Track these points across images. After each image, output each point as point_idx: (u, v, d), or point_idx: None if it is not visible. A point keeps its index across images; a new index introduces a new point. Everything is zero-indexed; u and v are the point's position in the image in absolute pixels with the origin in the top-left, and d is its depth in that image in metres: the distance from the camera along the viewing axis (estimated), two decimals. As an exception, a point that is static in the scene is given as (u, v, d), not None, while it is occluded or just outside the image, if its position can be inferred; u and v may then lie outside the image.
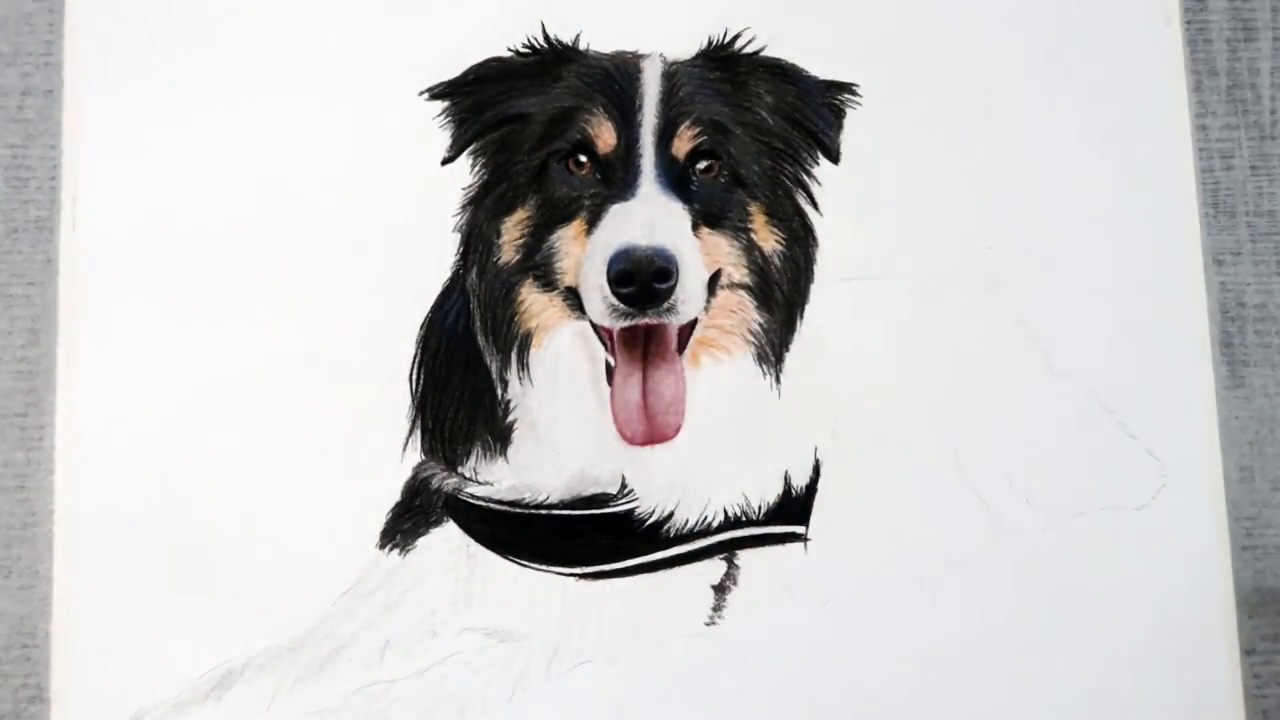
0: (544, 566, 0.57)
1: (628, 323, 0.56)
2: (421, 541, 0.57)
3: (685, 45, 0.60)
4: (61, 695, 0.55)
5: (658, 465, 0.57)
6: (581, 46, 0.60)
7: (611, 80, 0.59)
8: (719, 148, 0.58)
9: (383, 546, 0.57)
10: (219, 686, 0.55)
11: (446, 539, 0.57)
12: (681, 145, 0.58)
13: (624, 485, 0.57)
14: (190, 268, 0.58)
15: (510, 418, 0.58)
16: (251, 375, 0.57)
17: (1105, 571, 0.58)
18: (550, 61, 0.60)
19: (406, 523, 0.57)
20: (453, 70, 0.59)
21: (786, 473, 0.58)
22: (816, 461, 0.58)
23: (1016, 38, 0.62)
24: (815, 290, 0.59)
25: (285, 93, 0.60)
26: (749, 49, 0.60)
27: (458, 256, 0.59)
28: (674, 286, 0.55)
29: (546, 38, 0.60)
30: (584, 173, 0.58)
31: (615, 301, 0.55)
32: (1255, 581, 0.58)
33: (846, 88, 0.61)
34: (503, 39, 0.60)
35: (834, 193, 0.60)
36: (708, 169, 0.58)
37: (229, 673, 0.55)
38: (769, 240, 0.59)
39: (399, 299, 0.58)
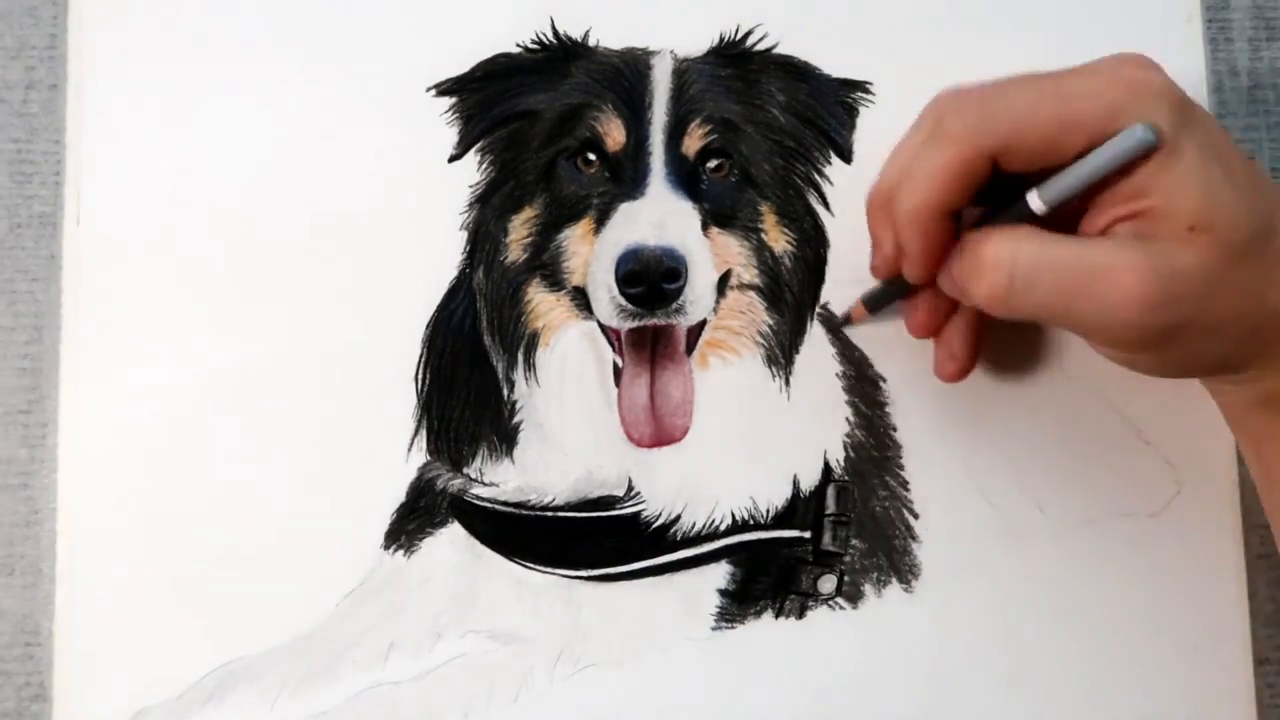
0: (549, 569, 0.57)
1: (636, 323, 0.55)
2: (426, 543, 0.57)
3: (696, 42, 0.59)
4: (64, 693, 0.55)
5: (665, 468, 0.57)
6: (591, 43, 0.59)
7: (621, 77, 0.58)
8: (730, 146, 0.58)
9: (387, 547, 0.56)
10: (222, 686, 0.55)
11: (451, 540, 0.57)
12: (692, 143, 0.57)
13: (631, 487, 0.57)
14: (194, 265, 0.58)
15: (516, 418, 0.58)
16: (256, 373, 0.57)
17: (1117, 579, 0.57)
18: (559, 58, 0.59)
19: (411, 523, 0.57)
20: (460, 66, 0.59)
21: (795, 476, 0.57)
22: (826, 465, 0.58)
23: (1033, 36, 0.61)
24: (826, 292, 0.59)
25: (292, 89, 0.59)
26: (761, 46, 0.59)
27: (464, 255, 0.58)
28: (683, 287, 0.55)
29: (556, 33, 0.59)
30: (592, 171, 0.57)
31: (623, 302, 0.55)
32: (1270, 590, 0.58)
33: (860, 86, 0.60)
34: (511, 34, 0.59)
35: (846, 193, 0.59)
36: (718, 168, 0.58)
37: (231, 673, 0.55)
38: (780, 240, 0.58)
39: (405, 298, 0.58)
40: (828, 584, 0.57)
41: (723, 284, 0.58)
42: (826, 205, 0.59)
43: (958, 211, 0.49)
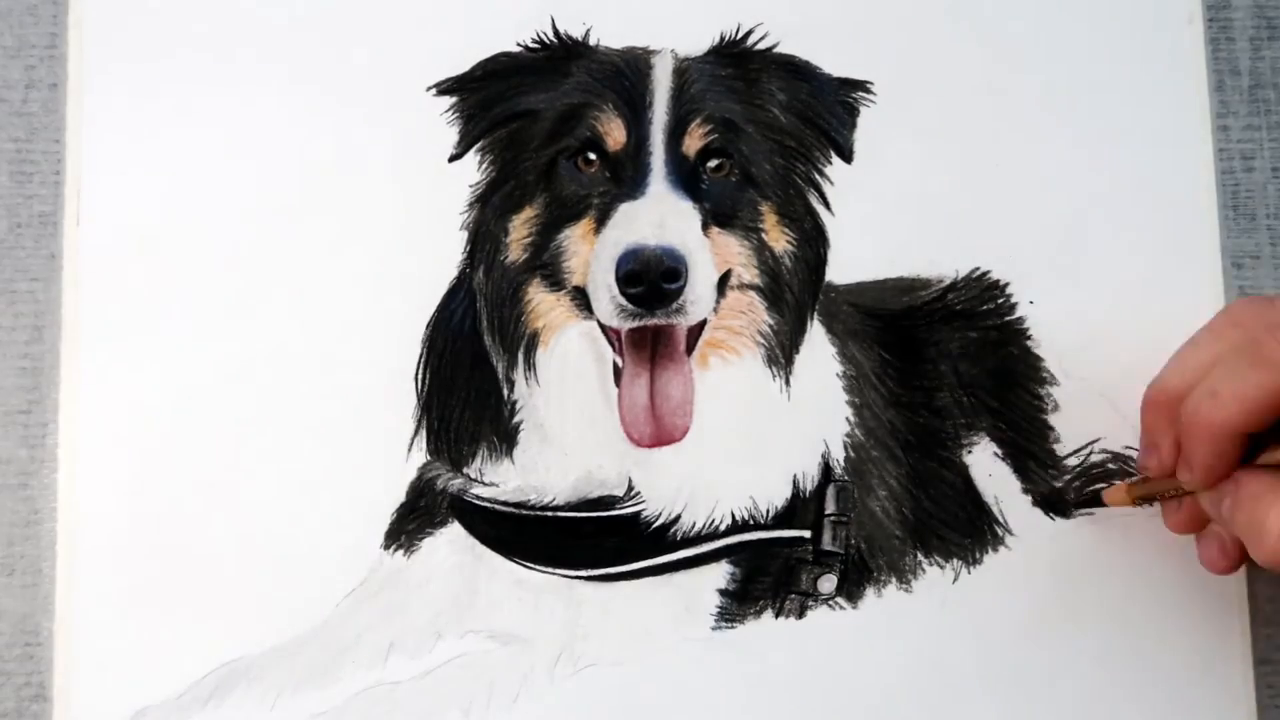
0: (549, 569, 0.57)
1: (636, 323, 0.55)
2: (426, 543, 0.57)
3: (697, 41, 0.59)
4: (64, 693, 0.55)
5: (665, 467, 0.57)
6: (591, 42, 0.59)
7: (621, 76, 0.58)
8: (730, 146, 0.58)
9: (387, 547, 0.56)
10: (221, 686, 0.55)
11: (451, 540, 0.57)
12: (692, 143, 0.57)
13: (631, 487, 0.57)
14: (195, 264, 0.58)
15: (516, 418, 0.58)
16: (256, 373, 0.57)
17: (1117, 578, 0.57)
18: (560, 57, 0.59)
19: (411, 523, 0.57)
20: (460, 66, 0.59)
21: (795, 476, 0.57)
22: (826, 465, 0.58)
23: (1034, 35, 0.61)
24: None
25: (292, 88, 0.59)
26: (762, 45, 0.59)
27: (464, 255, 0.58)
28: (683, 287, 0.55)
29: (556, 33, 0.59)
30: (593, 170, 0.57)
31: (623, 302, 0.55)
32: (1269, 590, 0.58)
33: (860, 85, 0.60)
34: (511, 34, 0.59)
35: (846, 192, 0.59)
36: (718, 167, 0.58)
37: (231, 673, 0.55)
38: (780, 240, 0.58)
39: (405, 298, 0.58)
40: (828, 584, 0.57)
41: (723, 284, 0.57)
42: (827, 205, 0.59)
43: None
